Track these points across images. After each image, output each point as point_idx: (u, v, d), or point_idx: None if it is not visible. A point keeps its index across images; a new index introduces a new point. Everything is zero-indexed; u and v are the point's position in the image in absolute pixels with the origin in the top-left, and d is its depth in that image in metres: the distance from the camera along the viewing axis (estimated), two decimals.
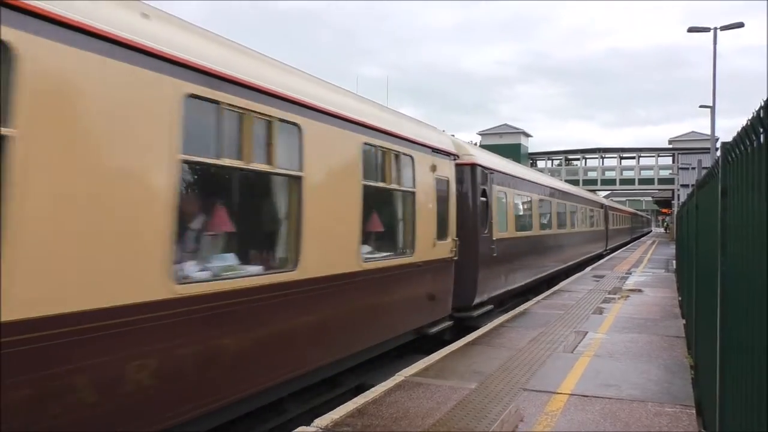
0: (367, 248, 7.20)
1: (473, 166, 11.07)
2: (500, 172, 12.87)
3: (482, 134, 67.57)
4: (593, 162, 66.90)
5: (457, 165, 10.21)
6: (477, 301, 10.97)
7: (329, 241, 6.29)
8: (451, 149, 10.01)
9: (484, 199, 11.31)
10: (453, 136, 12.13)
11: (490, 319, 11.12)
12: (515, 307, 12.90)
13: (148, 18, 4.21)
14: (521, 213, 15.09)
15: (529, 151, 68.71)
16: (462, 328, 10.47)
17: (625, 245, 45.76)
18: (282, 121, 5.46)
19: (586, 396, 6.35)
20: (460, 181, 10.45)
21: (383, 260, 7.55)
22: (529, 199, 15.67)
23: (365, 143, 6.94)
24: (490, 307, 11.75)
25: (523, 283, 14.57)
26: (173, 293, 4.23)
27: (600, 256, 30.39)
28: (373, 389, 6.58)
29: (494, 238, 11.79)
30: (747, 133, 2.82)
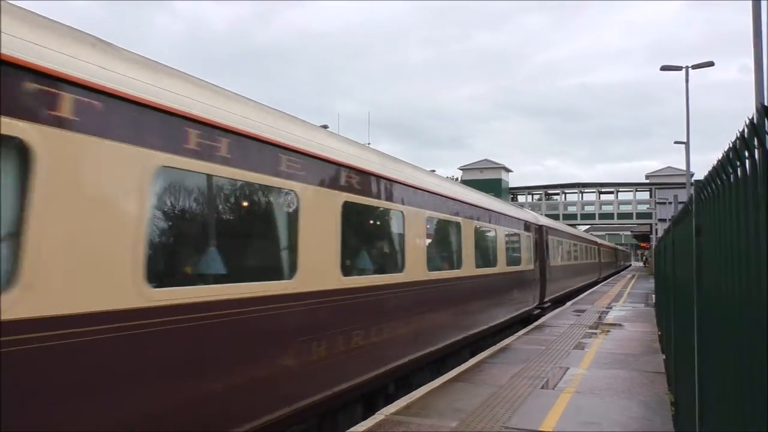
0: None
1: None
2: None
3: (463, 169, 68.21)
4: (572, 197, 67.75)
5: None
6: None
7: None
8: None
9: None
10: (433, 170, 12.20)
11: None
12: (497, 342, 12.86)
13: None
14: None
15: (510, 185, 69.41)
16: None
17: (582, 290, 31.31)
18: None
19: None
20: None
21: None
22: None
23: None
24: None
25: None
26: None
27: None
28: (353, 429, 6.46)
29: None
30: (717, 172, 2.87)
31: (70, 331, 3.54)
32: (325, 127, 7.49)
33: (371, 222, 8.07)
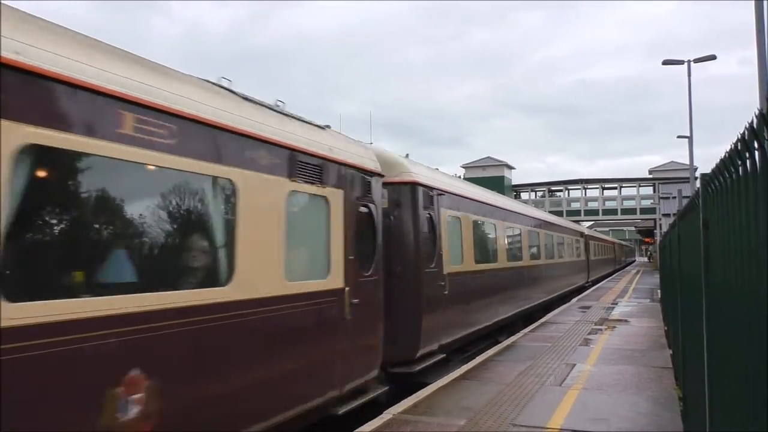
0: None
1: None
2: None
3: (466, 167, 68.17)
4: (576, 193, 67.62)
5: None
6: None
7: None
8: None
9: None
10: (437, 169, 12.14)
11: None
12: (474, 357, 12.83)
13: None
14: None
15: (513, 183, 69.34)
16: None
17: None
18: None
19: (576, 431, 6.28)
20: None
21: None
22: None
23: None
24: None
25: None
26: None
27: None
28: (361, 428, 6.46)
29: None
30: (725, 165, 2.85)
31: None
32: (327, 127, 7.39)
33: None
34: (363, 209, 7.34)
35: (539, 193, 69.67)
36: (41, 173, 3.60)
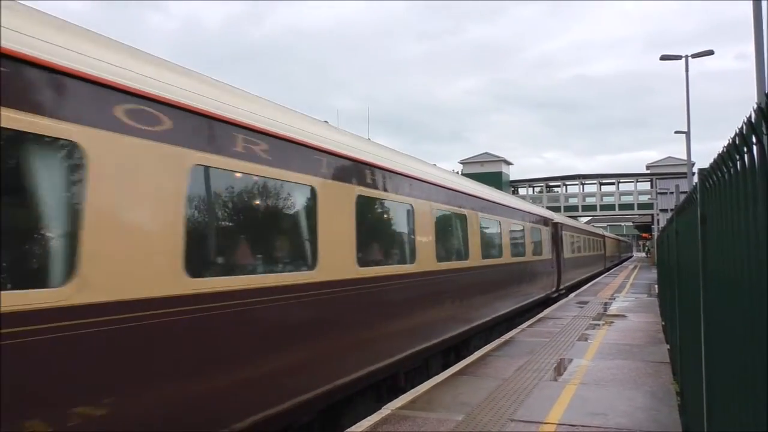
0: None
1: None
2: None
3: (464, 163, 68.10)
4: (573, 188, 67.63)
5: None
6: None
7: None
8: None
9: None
10: (435, 165, 12.13)
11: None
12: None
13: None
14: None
15: (510, 178, 69.31)
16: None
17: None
18: None
19: (574, 425, 6.29)
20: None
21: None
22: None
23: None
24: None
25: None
26: None
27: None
28: (359, 423, 6.46)
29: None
30: (723, 159, 2.85)
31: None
32: (325, 122, 7.39)
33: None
34: None
35: (537, 189, 69.65)
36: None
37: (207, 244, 4.92)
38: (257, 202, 5.56)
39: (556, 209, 50.96)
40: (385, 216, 8.29)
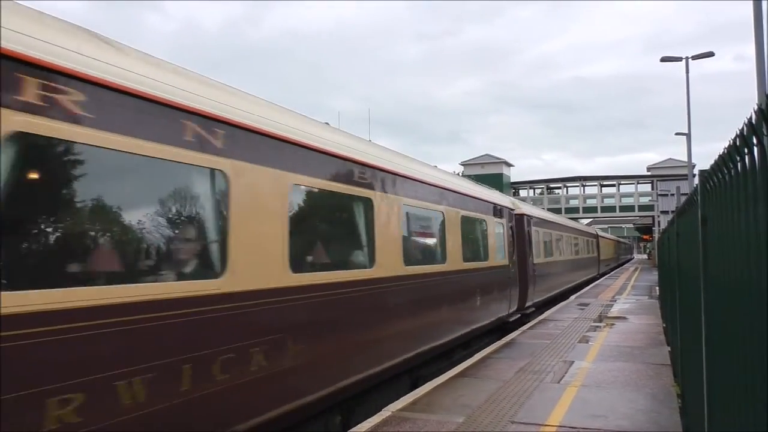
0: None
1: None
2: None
3: (464, 164, 68.13)
4: (574, 190, 67.61)
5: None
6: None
7: None
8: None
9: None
10: (435, 166, 12.12)
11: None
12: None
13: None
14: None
15: (511, 180, 69.32)
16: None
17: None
18: None
19: (574, 428, 6.28)
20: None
21: None
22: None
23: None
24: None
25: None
26: None
27: None
28: (360, 425, 6.46)
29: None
30: (724, 161, 2.85)
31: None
32: (326, 124, 7.41)
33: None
34: None
35: (538, 191, 69.67)
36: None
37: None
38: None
39: (557, 211, 50.92)
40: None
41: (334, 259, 6.95)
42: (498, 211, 13.66)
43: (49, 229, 3.77)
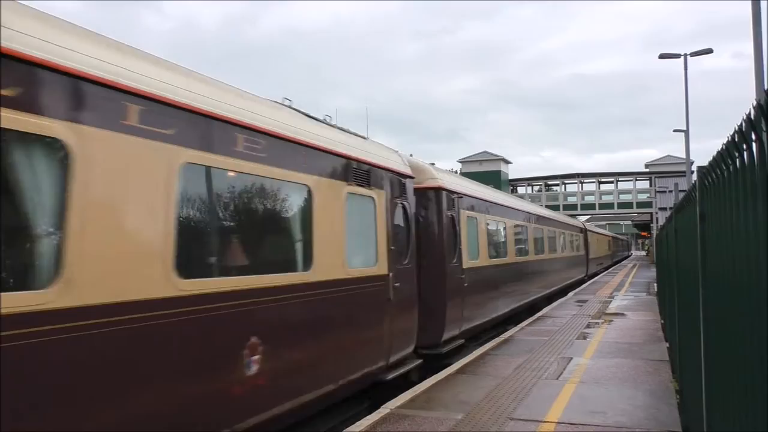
0: None
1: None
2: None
3: (462, 162, 68.11)
4: (572, 187, 67.64)
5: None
6: None
7: None
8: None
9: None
10: (434, 164, 12.10)
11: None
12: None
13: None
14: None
15: (509, 177, 69.33)
16: None
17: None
18: None
19: (573, 424, 6.28)
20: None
21: None
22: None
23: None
24: None
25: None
26: None
27: None
28: (358, 423, 6.46)
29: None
30: (722, 157, 2.84)
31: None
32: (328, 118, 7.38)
33: None
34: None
35: (536, 188, 69.68)
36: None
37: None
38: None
39: (555, 208, 50.87)
40: None
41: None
42: (362, 174, 7.47)
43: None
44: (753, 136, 2.13)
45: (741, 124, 2.30)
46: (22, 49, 3.35)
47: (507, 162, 69.24)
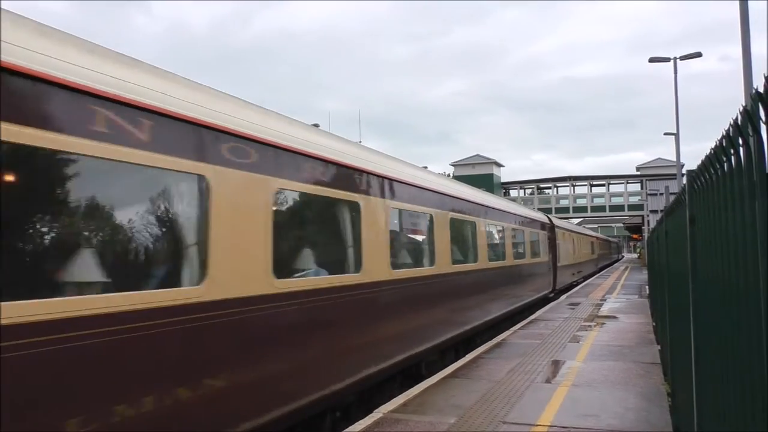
0: None
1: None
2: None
3: (455, 165, 68.29)
4: (564, 190, 67.93)
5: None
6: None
7: None
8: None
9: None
10: (425, 167, 12.14)
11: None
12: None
13: None
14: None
15: (502, 181, 69.55)
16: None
17: None
18: None
19: (565, 428, 6.29)
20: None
21: None
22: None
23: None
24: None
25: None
26: None
27: None
28: (351, 427, 6.44)
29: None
30: (710, 161, 2.87)
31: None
32: (316, 125, 7.43)
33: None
34: None
35: (528, 191, 69.95)
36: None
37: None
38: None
39: (548, 210, 51.04)
40: None
41: None
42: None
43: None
44: (740, 141, 2.15)
45: (728, 128, 2.31)
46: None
47: (499, 165, 69.47)
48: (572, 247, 30.03)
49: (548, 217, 24.61)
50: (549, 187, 69.13)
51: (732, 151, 2.30)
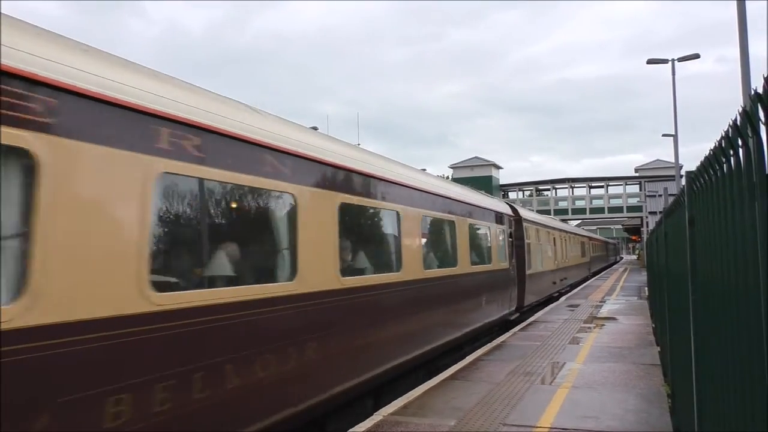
0: None
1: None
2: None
3: (453, 167, 68.31)
4: (563, 192, 67.98)
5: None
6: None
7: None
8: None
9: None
10: (424, 169, 12.15)
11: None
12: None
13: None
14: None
15: (500, 183, 69.58)
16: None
17: None
18: None
19: (566, 429, 6.29)
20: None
21: None
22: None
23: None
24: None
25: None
26: None
27: None
28: (351, 430, 6.44)
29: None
30: (710, 162, 2.87)
31: None
32: (314, 128, 7.50)
33: None
34: None
35: (527, 193, 70.00)
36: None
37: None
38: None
39: (546, 212, 51.07)
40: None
41: None
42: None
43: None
44: (740, 142, 2.15)
45: (727, 129, 2.32)
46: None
47: (498, 167, 69.51)
48: (552, 248, 23.52)
49: (512, 206, 18.01)
50: (547, 189, 69.17)
51: (731, 153, 2.30)
